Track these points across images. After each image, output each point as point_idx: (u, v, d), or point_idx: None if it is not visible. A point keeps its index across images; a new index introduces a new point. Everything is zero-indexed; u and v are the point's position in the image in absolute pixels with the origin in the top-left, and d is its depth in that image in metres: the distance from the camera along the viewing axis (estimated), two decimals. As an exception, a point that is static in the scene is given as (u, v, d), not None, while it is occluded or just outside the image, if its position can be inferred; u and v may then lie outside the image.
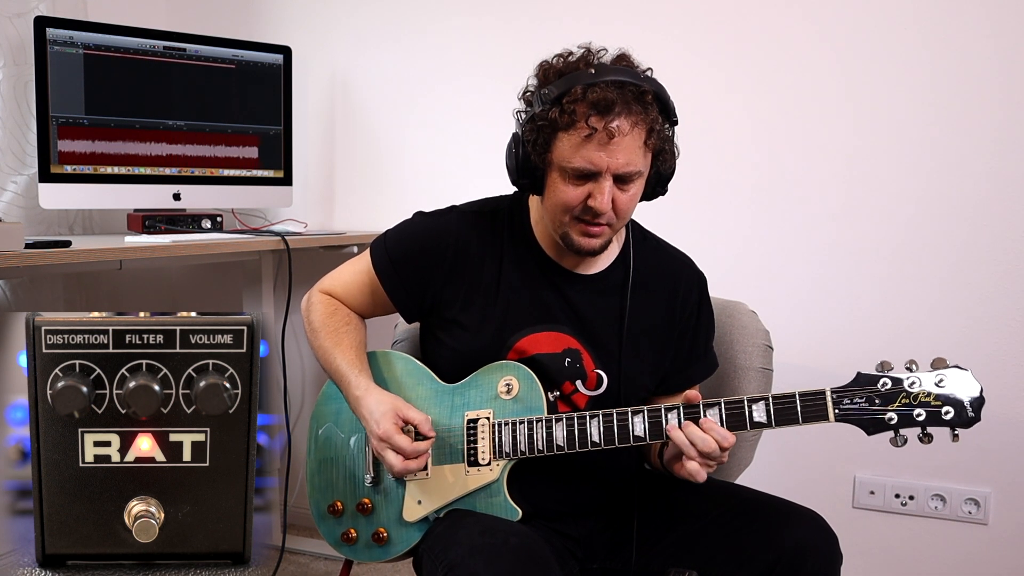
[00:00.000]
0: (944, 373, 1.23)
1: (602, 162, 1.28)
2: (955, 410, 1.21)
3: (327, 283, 1.56)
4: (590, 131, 1.26)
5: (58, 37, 2.08)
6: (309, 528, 2.63)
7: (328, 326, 1.50)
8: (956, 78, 2.05)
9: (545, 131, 1.30)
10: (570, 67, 1.32)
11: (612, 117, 1.26)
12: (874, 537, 2.20)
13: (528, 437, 1.34)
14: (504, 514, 1.33)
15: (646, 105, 1.28)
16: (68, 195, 2.16)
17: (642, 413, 1.30)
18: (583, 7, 2.35)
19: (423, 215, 1.51)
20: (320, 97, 2.64)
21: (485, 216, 1.47)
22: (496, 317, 1.42)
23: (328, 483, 1.47)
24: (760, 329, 1.67)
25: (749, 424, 1.26)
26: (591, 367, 1.42)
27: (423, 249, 1.45)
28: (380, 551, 1.41)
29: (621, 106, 1.26)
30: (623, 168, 1.29)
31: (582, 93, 1.26)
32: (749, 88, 2.22)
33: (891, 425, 1.23)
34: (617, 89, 1.26)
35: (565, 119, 1.27)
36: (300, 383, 2.74)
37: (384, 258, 1.48)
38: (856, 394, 1.24)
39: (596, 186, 1.30)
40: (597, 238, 1.35)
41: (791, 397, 1.25)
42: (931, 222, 2.10)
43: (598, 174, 1.29)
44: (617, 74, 1.28)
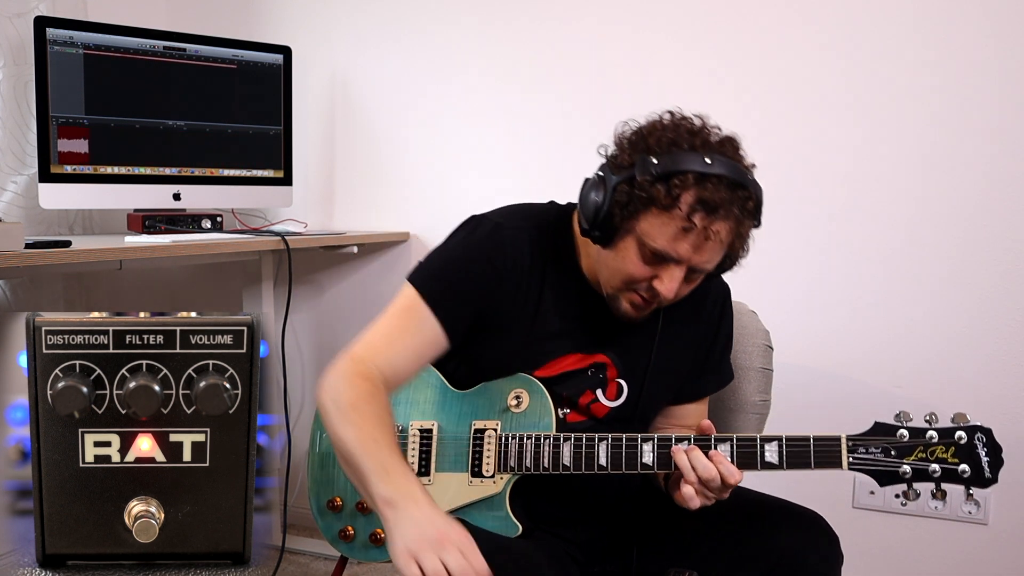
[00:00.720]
0: (964, 429, 1.19)
1: (688, 256, 1.22)
2: (972, 469, 1.18)
3: (358, 349, 1.30)
4: (689, 225, 1.20)
5: (58, 37, 2.08)
6: (309, 528, 2.63)
7: (370, 406, 1.23)
8: (956, 78, 2.05)
9: (640, 201, 1.22)
10: (681, 138, 1.23)
11: (716, 219, 1.20)
12: (874, 537, 2.20)
13: (535, 454, 1.31)
14: (504, 529, 1.32)
15: (746, 212, 1.22)
16: (68, 195, 2.15)
17: (652, 441, 1.27)
18: (583, 7, 2.35)
19: (468, 233, 1.39)
20: (320, 97, 2.64)
21: (532, 234, 1.38)
22: (531, 340, 1.37)
23: (329, 479, 1.46)
24: (760, 329, 1.67)
25: (760, 464, 1.23)
26: (613, 376, 1.39)
27: (474, 270, 1.35)
28: (377, 552, 1.41)
29: (727, 210, 1.20)
30: (703, 265, 1.25)
31: (694, 182, 1.19)
32: (749, 88, 2.22)
33: (905, 479, 1.20)
34: (728, 190, 1.20)
35: (667, 201, 1.20)
36: (300, 383, 2.74)
37: (433, 283, 1.34)
38: (872, 443, 1.21)
39: (668, 272, 1.24)
40: (644, 311, 1.31)
41: (805, 440, 1.23)
42: (931, 222, 2.10)
43: (677, 261, 1.24)
44: (731, 171, 1.21)
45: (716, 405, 1.61)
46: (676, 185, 1.19)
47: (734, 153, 1.25)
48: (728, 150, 1.24)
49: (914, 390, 2.12)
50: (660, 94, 2.27)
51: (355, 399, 1.22)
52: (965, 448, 1.18)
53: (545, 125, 2.41)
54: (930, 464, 1.19)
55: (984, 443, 1.18)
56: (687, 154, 1.21)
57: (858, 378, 2.18)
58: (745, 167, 1.25)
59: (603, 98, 2.34)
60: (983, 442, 1.18)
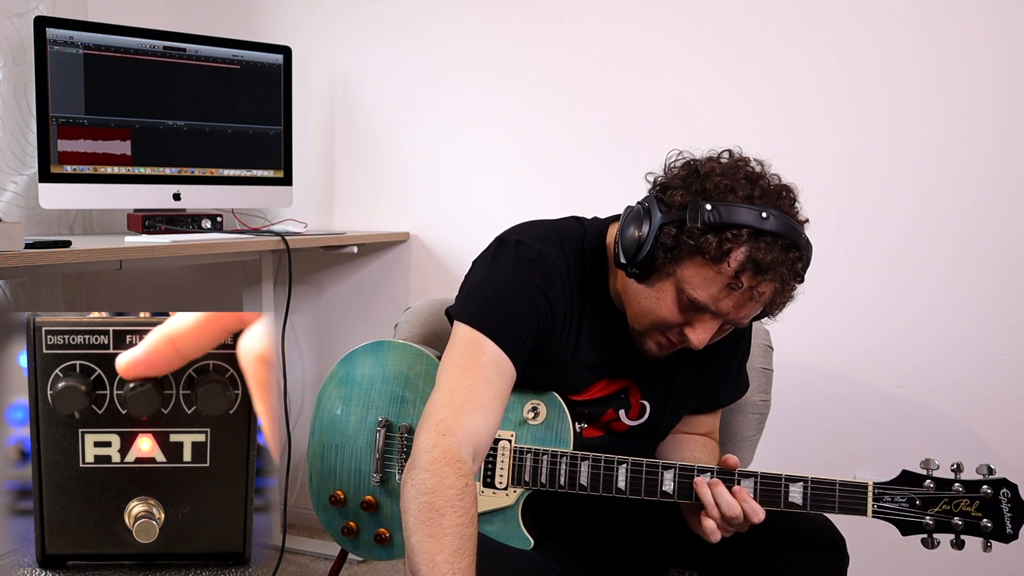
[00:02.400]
0: (990, 483, 1.20)
1: (727, 312, 1.18)
2: (994, 524, 1.19)
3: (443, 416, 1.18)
4: (736, 284, 1.15)
5: (58, 37, 2.08)
6: (309, 528, 2.63)
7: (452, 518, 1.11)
8: (957, 78, 2.05)
9: (687, 248, 1.16)
10: (738, 184, 1.16)
11: (764, 281, 1.15)
12: (881, 539, 2.19)
13: (550, 471, 1.30)
14: (516, 541, 1.30)
15: (794, 275, 1.18)
16: (68, 195, 2.15)
17: (673, 469, 1.26)
18: (584, 7, 2.35)
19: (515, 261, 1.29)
20: (320, 97, 2.64)
21: (571, 265, 1.31)
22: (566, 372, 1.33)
23: (331, 470, 1.45)
24: (760, 329, 1.67)
25: (783, 503, 1.23)
26: (636, 397, 1.38)
27: (530, 300, 1.26)
28: (381, 551, 1.41)
29: (776, 272, 1.15)
30: (740, 320, 1.21)
31: (747, 239, 1.14)
32: (750, 88, 2.22)
33: (927, 529, 1.21)
34: (781, 252, 1.14)
35: (716, 254, 1.14)
36: (300, 383, 2.74)
37: (494, 318, 1.24)
38: (898, 493, 1.21)
39: (702, 323, 1.20)
40: (667, 352, 1.28)
41: (831, 485, 1.22)
42: (931, 222, 2.10)
43: (714, 314, 1.19)
44: (786, 230, 1.15)
45: (716, 405, 1.62)
46: (728, 239, 1.13)
47: (789, 207, 1.19)
48: (784, 203, 1.18)
49: (914, 390, 2.12)
50: (661, 94, 2.28)
51: (441, 503, 1.11)
52: (989, 503, 1.19)
53: (545, 125, 2.41)
54: (953, 517, 1.20)
55: (1008, 499, 1.19)
56: (743, 206, 1.14)
57: (858, 378, 2.18)
58: (799, 223, 1.19)
59: (603, 98, 2.34)
60: (1007, 498, 1.19)
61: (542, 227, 1.35)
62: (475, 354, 1.22)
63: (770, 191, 1.18)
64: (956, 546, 1.21)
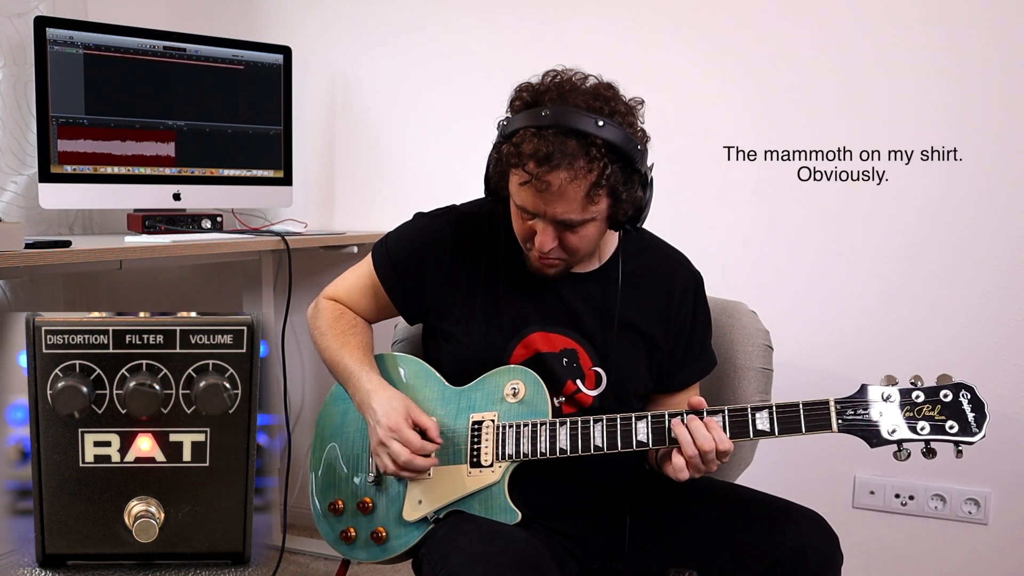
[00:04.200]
0: (949, 388, 1.22)
1: (539, 208, 1.27)
2: (960, 425, 1.20)
3: (331, 289, 1.57)
4: (527, 178, 1.24)
5: (58, 37, 2.08)
6: (309, 528, 2.63)
7: (334, 328, 1.50)
8: (956, 78, 2.05)
9: (500, 163, 1.29)
10: (538, 97, 1.27)
11: (548, 169, 1.22)
12: (874, 537, 2.20)
13: (531, 440, 1.34)
14: (504, 516, 1.33)
15: (592, 158, 1.22)
16: (68, 195, 2.16)
17: (646, 419, 1.30)
18: (584, 7, 2.35)
19: (423, 216, 1.52)
20: (320, 97, 2.64)
21: (483, 217, 1.47)
22: (495, 319, 1.43)
23: (330, 483, 1.47)
24: (760, 329, 1.67)
25: (752, 432, 1.26)
26: (588, 365, 1.42)
27: (422, 250, 1.46)
28: (378, 550, 1.41)
29: (560, 159, 1.21)
30: (560, 216, 1.27)
31: (530, 136, 1.23)
32: (750, 88, 2.22)
33: (894, 438, 1.22)
34: (560, 138, 1.21)
35: (512, 160, 1.25)
36: (300, 383, 2.74)
37: (385, 260, 1.50)
38: (860, 405, 1.24)
39: (538, 226, 1.30)
40: (552, 268, 1.36)
41: (795, 406, 1.25)
42: (931, 222, 2.10)
43: (535, 215, 1.29)
44: (569, 119, 1.22)
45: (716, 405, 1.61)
46: (516, 142, 1.24)
47: (591, 101, 1.25)
48: (583, 99, 1.25)
49: (914, 390, 2.12)
50: (661, 93, 2.27)
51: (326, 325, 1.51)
52: (951, 405, 1.21)
53: (545, 125, 2.40)
54: (918, 422, 1.22)
55: (969, 399, 1.21)
56: (532, 111, 1.25)
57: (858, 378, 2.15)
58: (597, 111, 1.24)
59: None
60: (967, 398, 1.21)
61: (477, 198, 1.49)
62: (366, 275, 1.53)
63: (567, 94, 1.26)
64: (927, 455, 1.22)
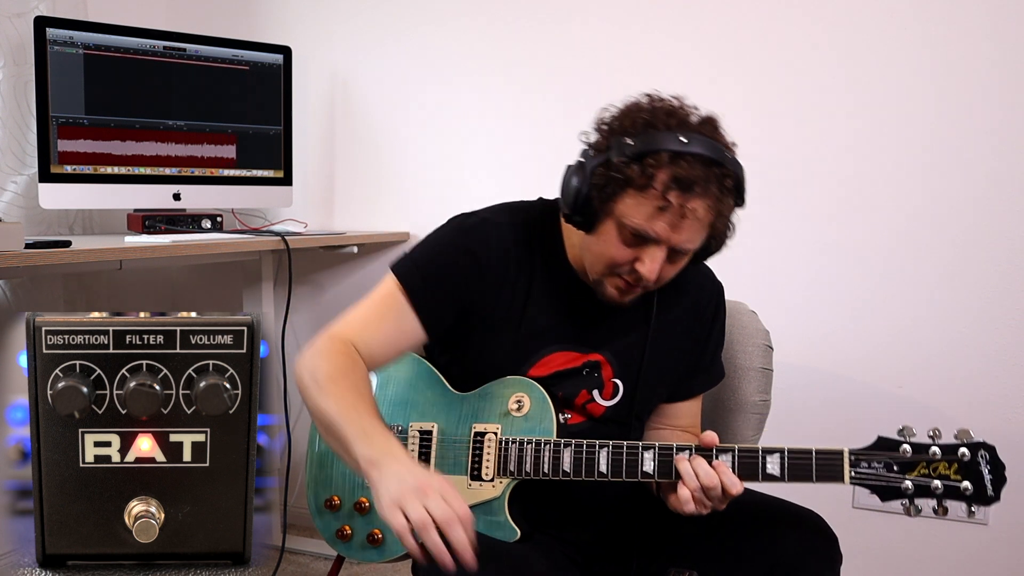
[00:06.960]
0: (968, 446, 1.19)
1: (666, 235, 1.22)
2: (974, 487, 1.17)
3: (335, 328, 1.35)
4: (664, 204, 1.20)
5: (58, 37, 2.08)
6: (309, 528, 2.63)
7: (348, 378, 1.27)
8: (956, 78, 2.05)
9: (616, 183, 1.22)
10: (657, 119, 1.23)
11: (692, 197, 1.19)
12: (874, 537, 2.20)
13: (535, 459, 1.31)
14: (503, 534, 1.31)
15: (725, 190, 1.22)
16: (68, 195, 2.16)
17: (653, 449, 1.27)
18: (584, 7, 2.35)
19: (453, 228, 1.40)
20: (320, 97, 2.64)
21: (518, 228, 1.39)
22: (521, 336, 1.37)
23: (328, 477, 1.46)
24: (760, 329, 1.67)
25: (761, 475, 1.23)
26: (609, 375, 1.39)
27: (457, 263, 1.36)
28: (374, 552, 1.41)
29: (702, 187, 1.19)
30: (683, 245, 1.24)
31: (668, 161, 1.19)
32: (750, 88, 2.22)
33: (907, 494, 1.20)
34: (704, 167, 1.19)
35: (642, 181, 1.20)
36: (300, 383, 2.74)
37: (414, 275, 1.35)
38: (875, 458, 1.20)
39: (648, 253, 1.24)
40: (629, 295, 1.31)
41: (807, 453, 1.22)
42: (931, 222, 2.10)
43: (656, 242, 1.24)
44: (707, 148, 1.21)
45: (716, 405, 1.62)
46: (650, 164, 1.20)
47: (712, 132, 1.25)
48: (706, 129, 1.24)
49: (914, 390, 2.12)
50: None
51: (333, 372, 1.27)
52: (968, 465, 1.18)
53: (546, 125, 2.41)
54: (932, 480, 1.18)
55: (987, 460, 1.18)
56: (662, 134, 1.21)
57: (858, 378, 2.18)
58: (723, 145, 1.24)
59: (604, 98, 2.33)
60: (986, 459, 1.18)
61: (499, 203, 1.44)
62: (387, 299, 1.35)
63: (690, 121, 1.24)
64: (939, 511, 1.19)
